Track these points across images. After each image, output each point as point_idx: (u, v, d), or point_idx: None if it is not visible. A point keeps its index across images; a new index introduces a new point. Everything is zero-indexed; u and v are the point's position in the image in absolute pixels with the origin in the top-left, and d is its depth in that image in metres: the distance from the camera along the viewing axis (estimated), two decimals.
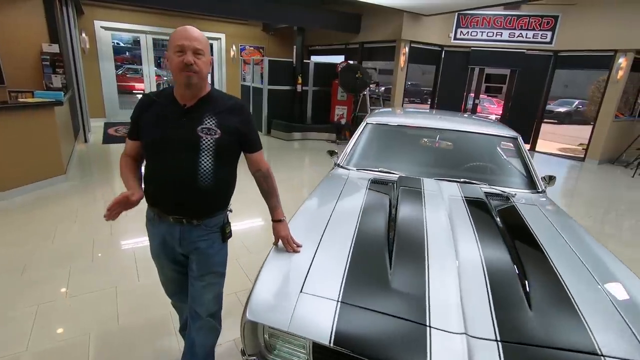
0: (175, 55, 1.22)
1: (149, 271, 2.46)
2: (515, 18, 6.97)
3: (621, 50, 6.15)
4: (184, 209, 1.34)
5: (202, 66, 1.23)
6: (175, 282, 1.54)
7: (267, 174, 1.46)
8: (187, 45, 1.20)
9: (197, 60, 1.21)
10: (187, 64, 1.20)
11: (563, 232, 1.68)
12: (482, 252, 1.43)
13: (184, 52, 1.20)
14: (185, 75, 1.22)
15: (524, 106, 7.50)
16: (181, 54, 1.21)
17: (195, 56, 1.21)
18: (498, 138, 2.48)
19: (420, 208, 1.78)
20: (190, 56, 1.20)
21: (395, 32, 6.98)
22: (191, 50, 1.21)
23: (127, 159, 1.43)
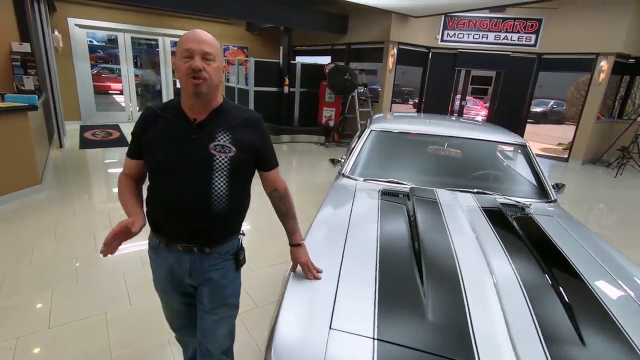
0: (182, 60, 1.07)
1: (141, 293, 2.26)
2: (500, 21, 7.05)
3: (602, 54, 6.30)
4: (196, 236, 1.18)
5: (212, 73, 1.08)
6: (182, 316, 1.37)
7: (284, 194, 1.32)
8: (195, 49, 1.05)
9: (206, 66, 1.06)
10: (194, 70, 1.05)
11: (590, 249, 1.61)
12: (519, 275, 1.34)
13: (191, 56, 1.06)
14: (193, 84, 1.06)
15: (509, 107, 7.60)
16: (188, 60, 1.06)
17: (204, 61, 1.07)
18: (507, 145, 2.42)
19: (442, 224, 1.68)
20: (198, 61, 1.05)
21: (383, 34, 6.92)
22: (200, 54, 1.06)
23: (127, 180, 1.25)
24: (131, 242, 1.27)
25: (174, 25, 8.24)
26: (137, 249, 2.73)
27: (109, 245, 1.08)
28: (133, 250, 2.74)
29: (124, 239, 1.10)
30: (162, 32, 8.22)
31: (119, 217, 1.12)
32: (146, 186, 1.25)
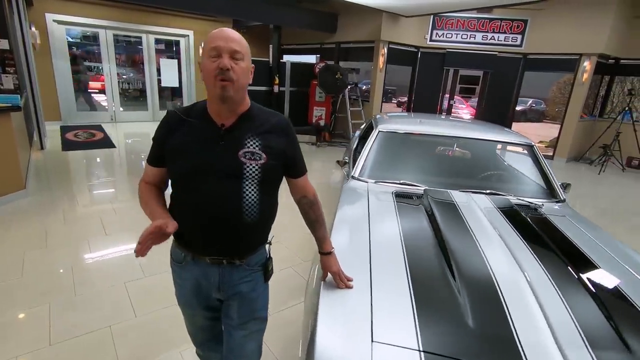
0: (209, 60, 1.00)
1: (146, 303, 2.16)
2: (487, 21, 7.16)
3: (585, 54, 6.50)
4: (225, 248, 1.12)
5: (240, 73, 1.01)
6: (206, 330, 1.30)
7: (314, 200, 1.26)
8: (223, 47, 0.98)
9: (234, 65, 0.99)
10: (222, 69, 0.98)
11: (610, 250, 1.63)
12: (551, 278, 1.34)
13: (219, 55, 0.99)
14: (220, 85, 0.99)
15: (496, 106, 7.75)
16: (216, 59, 0.99)
17: (232, 60, 1.00)
18: (514, 146, 2.43)
19: (465, 227, 1.67)
20: (226, 59, 0.98)
21: (374, 33, 6.91)
22: (228, 52, 0.99)
23: (149, 187, 1.17)
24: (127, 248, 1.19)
25: (159, 22, 8.00)
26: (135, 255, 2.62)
27: (144, 245, 0.95)
28: (132, 256, 2.63)
29: (156, 242, 0.99)
30: (146, 29, 7.97)
31: (113, 223, 1.06)
32: (168, 194, 1.17)
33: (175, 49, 8.81)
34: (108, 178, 4.55)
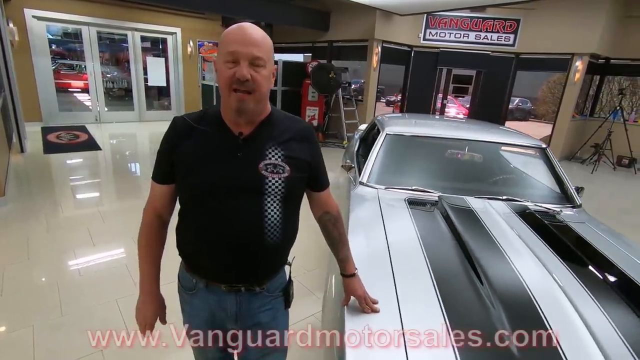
0: (225, 65, 0.85)
1: None
2: (480, 20, 7.13)
3: (578, 54, 6.53)
4: (244, 273, 0.98)
5: (261, 82, 0.87)
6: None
7: (337, 216, 1.13)
8: (242, 53, 0.84)
9: (254, 74, 0.85)
10: (239, 80, 0.83)
11: (634, 255, 1.56)
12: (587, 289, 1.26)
13: (237, 61, 0.84)
14: (237, 98, 0.85)
15: (489, 106, 7.74)
16: (233, 65, 0.84)
17: (252, 68, 0.85)
18: (527, 149, 2.35)
19: (490, 236, 1.57)
20: (245, 69, 0.83)
21: (367, 32, 6.81)
22: (247, 59, 0.84)
23: (154, 229, 1.04)
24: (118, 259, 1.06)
25: (145, 19, 7.72)
26: (127, 268, 2.44)
27: None
28: (122, 269, 2.45)
29: None
30: (132, 27, 7.68)
31: (101, 232, 0.92)
32: (176, 210, 1.03)
33: (162, 47, 8.54)
34: (94, 183, 4.32)
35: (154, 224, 1.03)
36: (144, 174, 4.85)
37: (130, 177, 4.69)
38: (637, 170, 6.69)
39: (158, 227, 1.03)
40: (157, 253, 1.05)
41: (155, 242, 1.04)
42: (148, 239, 1.03)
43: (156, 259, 1.05)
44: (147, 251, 1.04)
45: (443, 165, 2.39)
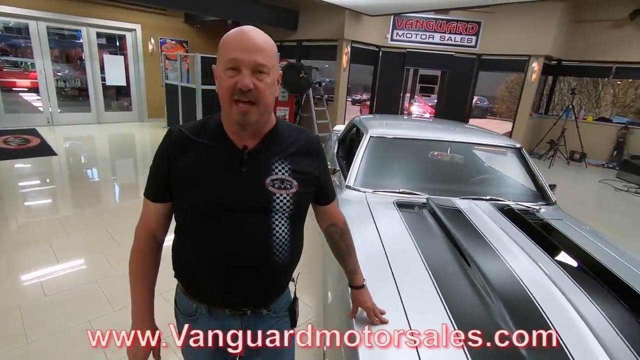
0: (225, 73, 0.78)
1: None
2: (444, 22, 7.36)
3: (534, 56, 6.92)
4: (251, 297, 0.92)
5: (265, 91, 0.80)
6: None
7: (345, 228, 1.09)
8: (244, 60, 0.77)
9: (258, 83, 0.78)
10: (241, 90, 0.77)
11: (612, 251, 1.66)
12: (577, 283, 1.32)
13: (238, 69, 0.77)
14: (239, 111, 0.79)
15: (454, 105, 8.02)
16: (234, 73, 0.77)
17: (255, 76, 0.78)
18: (503, 149, 2.44)
19: (480, 236, 1.62)
20: (247, 78, 0.77)
21: (337, 31, 6.81)
22: (250, 67, 0.77)
23: (147, 251, 0.94)
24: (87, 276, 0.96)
25: (100, 14, 7.24)
26: (99, 285, 2.26)
27: None
28: (93, 286, 2.27)
29: None
30: (86, 22, 7.17)
31: (65, 247, 0.86)
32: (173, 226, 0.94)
33: (120, 44, 8.06)
34: (52, 192, 3.99)
35: (148, 246, 0.94)
36: (106, 180, 4.55)
37: (92, 185, 4.38)
38: (587, 164, 7.22)
39: (153, 248, 0.94)
40: (152, 278, 0.96)
41: (150, 265, 0.95)
42: (142, 263, 0.94)
43: (151, 284, 0.95)
44: (140, 276, 0.94)
45: (427, 167, 2.43)
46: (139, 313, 0.93)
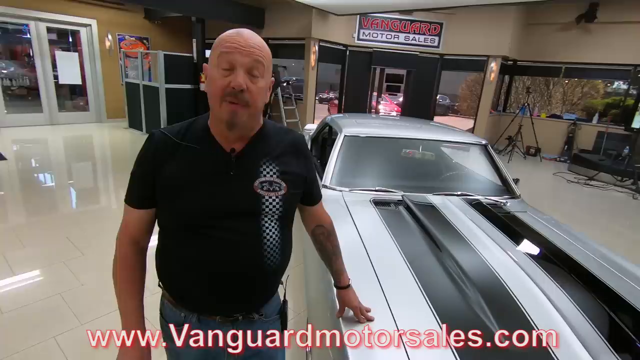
0: (218, 72, 0.77)
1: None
2: (409, 23, 7.56)
3: (492, 56, 7.28)
4: (243, 302, 0.90)
5: (257, 95, 0.79)
6: None
7: (331, 229, 1.10)
8: (240, 60, 0.76)
9: (251, 85, 0.77)
10: (234, 89, 0.75)
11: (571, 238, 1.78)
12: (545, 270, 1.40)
13: (232, 68, 0.76)
14: (228, 109, 0.77)
15: (419, 103, 8.28)
16: (228, 73, 0.76)
17: (250, 77, 0.77)
18: (471, 146, 2.54)
19: (454, 229, 1.69)
20: (241, 76, 0.75)
21: (304, 30, 6.80)
22: (245, 67, 0.76)
23: (131, 258, 0.88)
24: (48, 289, 0.90)
25: (51, 7, 6.76)
26: (63, 298, 2.12)
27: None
28: (57, 300, 2.13)
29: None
30: (35, 16, 6.68)
31: (23, 259, 0.81)
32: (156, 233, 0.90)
33: (74, 41, 7.58)
34: (2, 200, 3.68)
35: (132, 254, 0.89)
36: (63, 185, 4.27)
37: (47, 191, 4.09)
38: (542, 158, 7.71)
39: (137, 255, 0.90)
40: (140, 285, 0.91)
41: (136, 273, 0.90)
42: (127, 272, 0.88)
43: (139, 292, 0.90)
44: (127, 285, 0.88)
45: (400, 165, 2.49)
46: (130, 323, 0.86)
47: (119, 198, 4.01)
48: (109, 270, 0.91)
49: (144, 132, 7.11)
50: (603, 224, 4.35)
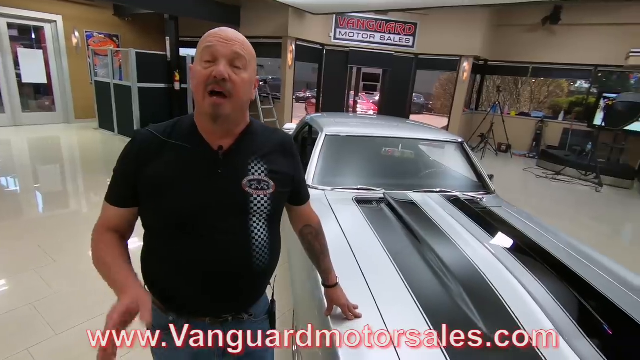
0: (201, 65, 0.77)
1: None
2: (384, 22, 7.67)
3: (465, 56, 7.50)
4: (232, 303, 0.89)
5: (240, 86, 0.79)
6: None
7: (319, 228, 1.11)
8: (221, 50, 0.77)
9: (233, 75, 0.77)
10: (215, 78, 0.75)
11: (542, 230, 1.87)
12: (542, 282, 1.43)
13: (214, 60, 0.77)
14: (211, 103, 0.77)
15: (395, 102, 8.42)
16: (210, 64, 0.76)
17: (232, 68, 0.78)
18: (447, 144, 2.62)
19: (435, 225, 1.74)
20: (222, 66, 0.76)
21: (281, 29, 6.76)
22: (227, 57, 0.77)
23: (109, 237, 0.85)
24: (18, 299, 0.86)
25: (12, 2, 6.40)
26: (35, 309, 2.03)
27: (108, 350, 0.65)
28: (28, 310, 2.03)
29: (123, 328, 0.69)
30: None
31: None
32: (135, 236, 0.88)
33: (38, 37, 7.22)
34: None
35: (112, 237, 0.84)
36: (28, 189, 4.07)
37: (11, 195, 3.89)
38: (512, 155, 8.02)
39: (119, 240, 0.85)
40: (124, 252, 0.84)
41: (118, 244, 0.84)
42: (107, 243, 0.82)
43: (124, 257, 0.83)
44: (110, 253, 0.81)
45: (381, 163, 2.53)
46: (130, 277, 0.77)
47: (90, 201, 3.87)
48: (84, 275, 0.88)
49: (116, 132, 6.86)
50: (570, 216, 4.58)
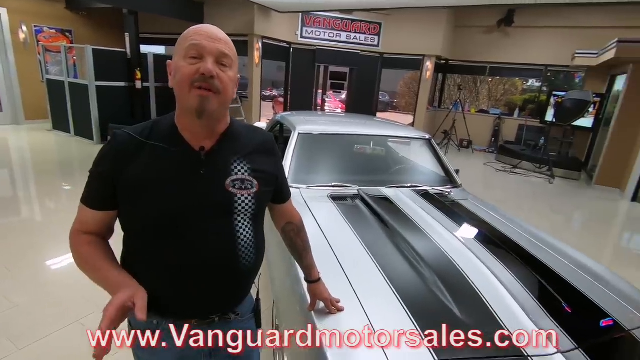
0: (185, 61, 0.76)
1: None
2: (350, 22, 7.77)
3: (427, 56, 7.76)
4: (219, 304, 0.89)
5: (228, 84, 0.79)
6: None
7: (301, 226, 1.12)
8: (207, 47, 0.76)
9: (220, 73, 0.77)
10: (203, 75, 0.74)
11: (506, 220, 2.00)
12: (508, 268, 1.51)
13: (201, 57, 0.76)
14: (198, 96, 0.76)
15: (362, 100, 8.57)
16: (195, 61, 0.76)
17: (219, 66, 0.77)
18: (415, 140, 2.71)
19: (408, 218, 1.81)
20: (210, 63, 0.75)
21: (247, 26, 6.67)
22: (214, 55, 0.76)
23: (91, 240, 0.82)
24: None
25: None
26: (13, 311, 1.89)
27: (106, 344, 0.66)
28: (9, 313, 1.89)
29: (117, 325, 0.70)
30: None
31: None
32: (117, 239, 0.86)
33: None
34: None
35: (89, 238, 0.82)
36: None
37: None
38: (474, 150, 8.42)
39: (97, 241, 0.83)
40: (109, 252, 0.83)
41: (102, 246, 0.83)
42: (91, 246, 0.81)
43: (111, 257, 0.82)
44: (96, 255, 0.80)
45: (354, 160, 2.58)
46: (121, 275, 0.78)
47: (45, 207, 3.64)
48: (45, 286, 0.84)
49: (72, 134, 6.47)
50: (527, 206, 4.89)
